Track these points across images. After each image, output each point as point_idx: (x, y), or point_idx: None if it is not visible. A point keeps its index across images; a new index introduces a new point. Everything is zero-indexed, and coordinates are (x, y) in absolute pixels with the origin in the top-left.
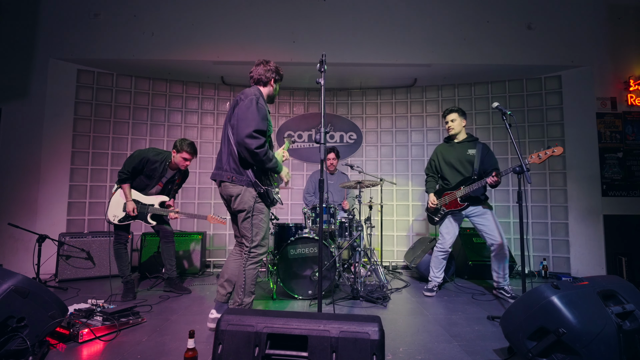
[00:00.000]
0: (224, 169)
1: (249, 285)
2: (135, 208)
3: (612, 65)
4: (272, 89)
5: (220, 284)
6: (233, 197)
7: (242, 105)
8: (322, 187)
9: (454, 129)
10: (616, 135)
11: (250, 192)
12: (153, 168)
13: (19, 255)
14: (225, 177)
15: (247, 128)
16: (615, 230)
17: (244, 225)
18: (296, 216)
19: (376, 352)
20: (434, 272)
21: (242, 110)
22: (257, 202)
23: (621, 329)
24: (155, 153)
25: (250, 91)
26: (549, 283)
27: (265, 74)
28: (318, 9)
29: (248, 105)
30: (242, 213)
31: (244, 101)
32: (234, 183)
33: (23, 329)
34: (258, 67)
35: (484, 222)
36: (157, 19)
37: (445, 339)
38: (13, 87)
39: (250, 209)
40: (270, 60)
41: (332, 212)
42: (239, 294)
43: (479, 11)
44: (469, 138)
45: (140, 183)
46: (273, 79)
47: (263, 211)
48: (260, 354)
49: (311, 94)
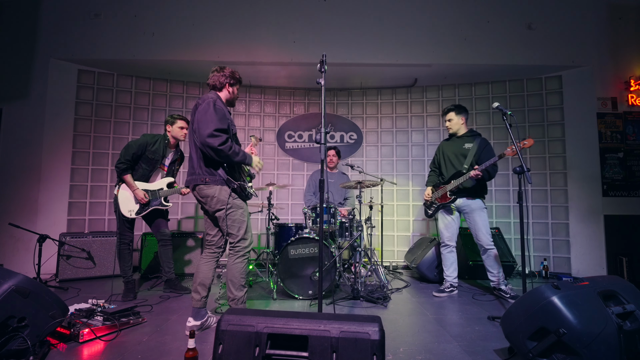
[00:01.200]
0: (197, 173)
1: (238, 279)
2: (146, 194)
3: (612, 65)
4: (229, 92)
5: (194, 290)
6: (209, 198)
7: (200, 109)
8: (322, 187)
9: (452, 128)
10: (617, 136)
11: (225, 189)
12: (154, 150)
13: (19, 255)
14: (199, 180)
15: (207, 129)
16: (616, 230)
17: (224, 223)
18: (296, 216)
19: (376, 352)
20: (444, 271)
21: (201, 114)
22: (233, 198)
23: (622, 329)
24: (151, 136)
25: (207, 95)
26: (549, 283)
27: (219, 80)
28: (318, 9)
29: (206, 108)
30: (220, 212)
31: (202, 105)
32: (208, 184)
33: (24, 328)
34: (213, 74)
35: (470, 220)
36: (157, 19)
37: (445, 339)
38: (14, 87)
39: (228, 205)
40: (226, 67)
41: (332, 212)
42: (231, 290)
43: (479, 11)
44: (469, 133)
45: (142, 172)
46: (228, 84)
47: (241, 206)
48: (260, 354)
49: (311, 94)
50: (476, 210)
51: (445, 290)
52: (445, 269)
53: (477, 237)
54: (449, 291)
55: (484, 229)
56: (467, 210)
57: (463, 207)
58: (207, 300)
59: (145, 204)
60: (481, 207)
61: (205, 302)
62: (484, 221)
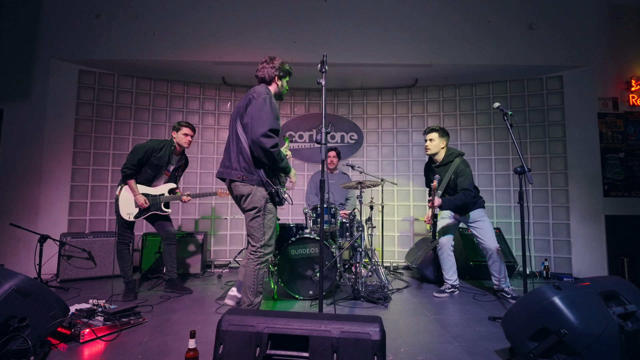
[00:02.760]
0: (234, 168)
1: (257, 285)
2: (147, 200)
3: (613, 65)
4: (277, 86)
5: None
6: (243, 197)
7: (255, 104)
8: (323, 187)
9: (430, 150)
10: (618, 136)
11: (261, 191)
12: (159, 156)
13: (20, 255)
14: (235, 176)
15: (262, 127)
16: (617, 230)
17: (252, 224)
18: (297, 216)
19: (377, 353)
20: (444, 275)
21: (256, 109)
22: (267, 202)
23: (623, 329)
24: (158, 142)
25: (261, 90)
26: (550, 284)
27: (268, 72)
28: (319, 9)
29: (262, 104)
30: (251, 212)
31: (257, 100)
32: (244, 182)
33: (24, 328)
34: (263, 65)
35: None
36: (158, 20)
37: (446, 339)
38: (15, 87)
39: (261, 208)
40: (276, 57)
41: (333, 213)
42: (248, 295)
43: (480, 11)
44: (446, 159)
45: (146, 176)
46: (277, 76)
47: (272, 211)
48: (261, 354)
49: (312, 94)
50: (477, 219)
51: (446, 291)
52: (444, 272)
53: (483, 244)
54: (450, 291)
55: (490, 235)
56: (468, 221)
57: (462, 219)
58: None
59: (144, 209)
60: (481, 216)
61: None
62: (488, 227)
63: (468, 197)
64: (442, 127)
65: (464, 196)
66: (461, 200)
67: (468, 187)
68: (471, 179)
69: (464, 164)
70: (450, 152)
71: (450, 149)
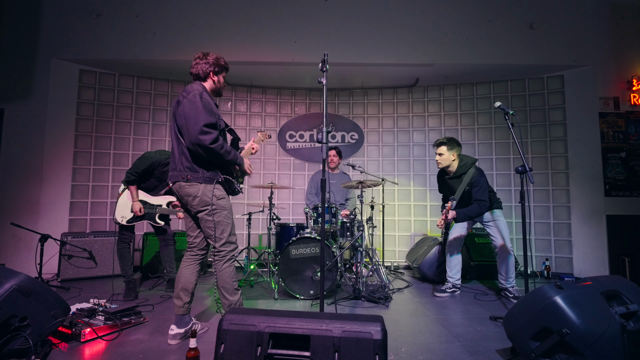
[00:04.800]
0: (178, 169)
1: (230, 284)
2: (142, 208)
3: (614, 64)
4: (213, 82)
5: (176, 296)
6: (191, 197)
7: (185, 103)
8: (324, 187)
9: (441, 164)
10: (619, 135)
11: (209, 188)
12: (164, 171)
13: (21, 254)
14: (179, 177)
15: (197, 125)
16: (618, 230)
17: (207, 225)
18: (298, 216)
19: (379, 352)
20: (447, 272)
21: (187, 108)
22: (219, 199)
23: (625, 329)
24: (166, 156)
25: (191, 87)
26: (552, 283)
27: (202, 68)
28: (320, 9)
29: (192, 101)
30: (202, 213)
31: (187, 98)
32: (189, 182)
33: (25, 328)
34: (196, 61)
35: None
36: (158, 19)
37: (447, 339)
38: (16, 87)
39: (211, 206)
40: (210, 53)
41: (333, 212)
42: (225, 297)
43: (480, 11)
44: (459, 170)
45: (149, 184)
46: (212, 72)
47: (226, 207)
48: (262, 353)
49: (313, 94)
50: (495, 218)
51: (447, 291)
52: (448, 270)
53: (495, 243)
54: (451, 291)
55: (505, 234)
56: (485, 220)
57: (478, 220)
58: (190, 306)
59: (138, 216)
60: (499, 216)
61: (189, 308)
62: (503, 227)
63: (483, 207)
64: (450, 138)
65: (479, 207)
66: (476, 211)
67: (483, 198)
68: (486, 188)
69: (478, 174)
70: (463, 162)
71: (463, 158)
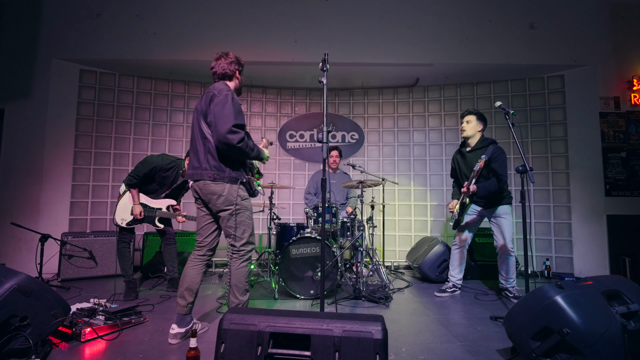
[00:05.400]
0: (204, 168)
1: (243, 283)
2: (142, 212)
3: (615, 64)
4: (239, 81)
5: (180, 295)
6: (216, 196)
7: (217, 102)
8: (324, 186)
9: (466, 131)
10: (619, 135)
11: (234, 188)
12: (165, 176)
13: (21, 254)
14: (205, 176)
15: (226, 124)
16: (619, 230)
17: (229, 224)
18: (298, 216)
19: (379, 352)
20: (450, 271)
21: (219, 108)
22: (242, 199)
23: (626, 329)
24: (168, 162)
25: (221, 86)
26: (552, 283)
27: (229, 67)
28: (320, 8)
29: (224, 102)
30: (225, 212)
31: (219, 97)
32: (216, 181)
33: (26, 327)
34: (219, 61)
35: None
36: (159, 19)
37: (448, 339)
38: (16, 87)
39: (235, 206)
40: (229, 52)
41: (334, 212)
42: (237, 296)
43: (481, 10)
44: (479, 144)
45: (151, 188)
46: (238, 71)
47: (249, 207)
48: (262, 353)
49: (313, 93)
50: (502, 215)
51: (447, 290)
52: (451, 268)
53: (497, 242)
54: (451, 291)
55: (508, 235)
56: (494, 215)
57: (487, 213)
58: (193, 306)
59: (138, 219)
60: (506, 212)
61: (191, 308)
62: (509, 226)
63: (503, 182)
64: (480, 112)
65: (499, 182)
66: (495, 185)
67: (503, 173)
68: (506, 165)
69: (499, 150)
70: (484, 138)
71: (485, 136)
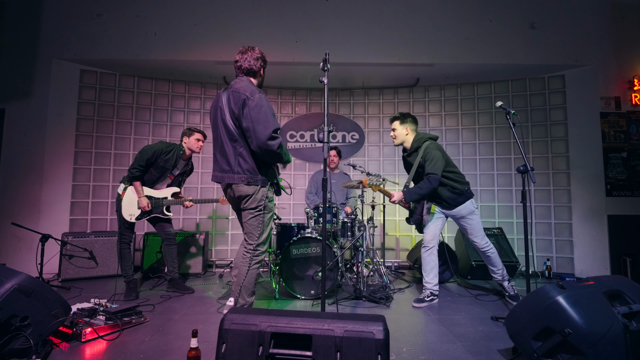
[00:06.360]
0: (235, 171)
1: (252, 285)
2: (149, 203)
3: (616, 64)
4: (261, 77)
5: (235, 275)
6: (248, 196)
7: (253, 106)
8: (325, 186)
9: (396, 140)
10: (620, 135)
11: (263, 190)
12: (166, 159)
13: (22, 254)
14: (238, 180)
15: (266, 130)
16: (620, 230)
17: (252, 222)
18: (298, 216)
19: (381, 352)
20: (423, 277)
21: (255, 112)
22: (268, 201)
23: (628, 329)
24: (167, 145)
25: (249, 87)
26: (554, 283)
27: (255, 64)
28: (320, 8)
29: (260, 105)
30: (252, 210)
31: (252, 100)
32: (250, 184)
33: (26, 327)
34: (245, 55)
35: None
36: (159, 19)
37: (448, 339)
38: (16, 87)
39: (262, 207)
40: (255, 47)
41: (334, 212)
42: (245, 297)
43: (481, 11)
44: (414, 146)
45: (150, 177)
46: (262, 68)
47: (272, 210)
48: (264, 353)
49: (313, 93)
50: (466, 215)
51: (425, 300)
52: (424, 274)
53: (475, 243)
54: (429, 300)
55: (477, 232)
56: (457, 216)
57: (451, 214)
58: None
59: (146, 212)
60: (471, 211)
61: None
62: (477, 224)
63: (434, 182)
64: (405, 113)
65: (429, 182)
66: (427, 187)
67: (433, 172)
68: (438, 161)
69: (432, 147)
70: (419, 137)
71: (419, 134)
